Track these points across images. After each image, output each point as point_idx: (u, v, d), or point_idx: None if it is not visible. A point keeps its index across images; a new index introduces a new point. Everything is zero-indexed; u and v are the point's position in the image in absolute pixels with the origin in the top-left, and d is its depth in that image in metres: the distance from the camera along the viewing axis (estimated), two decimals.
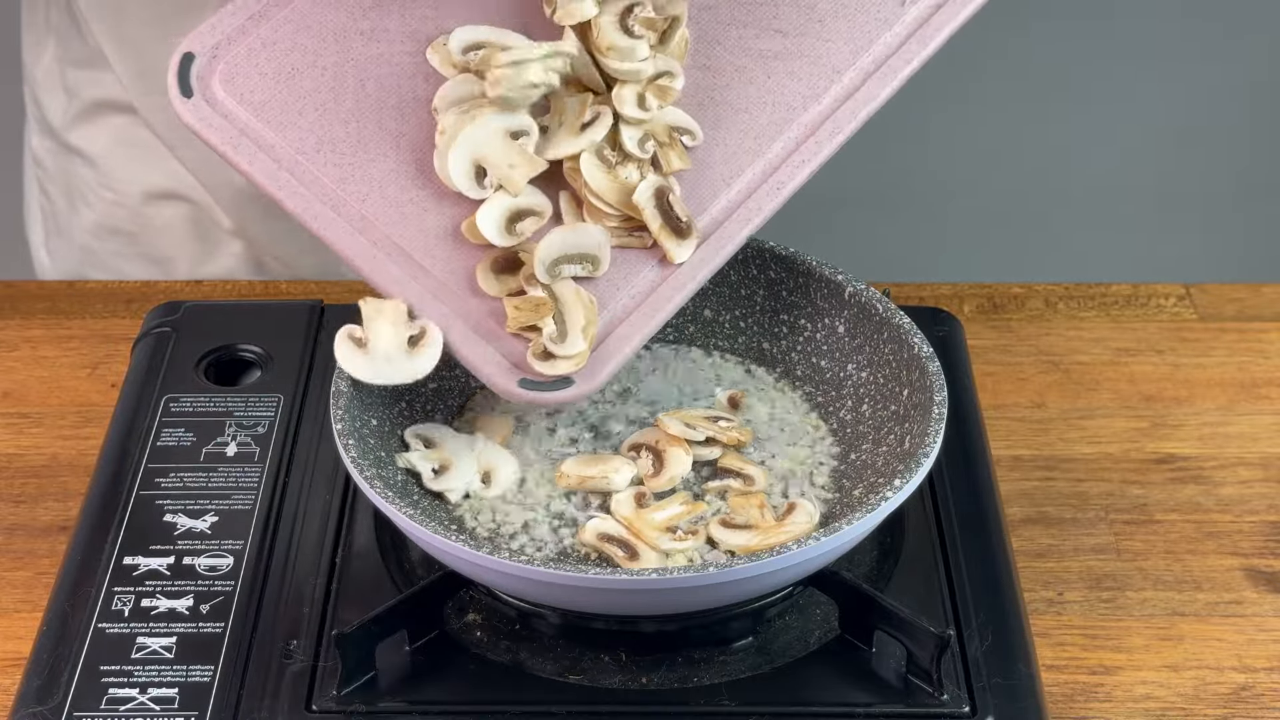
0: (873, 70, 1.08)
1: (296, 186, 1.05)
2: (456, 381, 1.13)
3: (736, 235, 1.05)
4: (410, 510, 0.98)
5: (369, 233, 1.04)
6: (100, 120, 1.44)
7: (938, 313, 1.24)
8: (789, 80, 1.08)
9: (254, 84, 1.07)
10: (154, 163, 1.44)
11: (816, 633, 1.02)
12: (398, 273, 1.03)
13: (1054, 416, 1.25)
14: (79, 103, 1.45)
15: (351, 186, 1.05)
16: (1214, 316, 1.34)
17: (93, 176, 1.46)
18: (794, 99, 1.08)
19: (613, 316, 1.03)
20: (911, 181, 2.53)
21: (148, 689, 0.98)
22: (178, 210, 1.45)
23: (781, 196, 1.05)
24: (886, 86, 1.07)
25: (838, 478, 1.08)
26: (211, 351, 1.21)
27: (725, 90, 1.08)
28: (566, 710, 0.98)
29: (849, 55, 1.08)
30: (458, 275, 1.03)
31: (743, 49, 1.09)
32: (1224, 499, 1.19)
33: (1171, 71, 2.48)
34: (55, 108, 1.46)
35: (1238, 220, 2.56)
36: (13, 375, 1.29)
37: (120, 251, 1.48)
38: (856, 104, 1.07)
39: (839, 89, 1.08)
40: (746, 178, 1.06)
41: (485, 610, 1.03)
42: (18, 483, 1.20)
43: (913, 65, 1.08)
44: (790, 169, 1.06)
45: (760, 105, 1.08)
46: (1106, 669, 1.07)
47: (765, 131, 1.07)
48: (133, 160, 1.44)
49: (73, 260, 1.50)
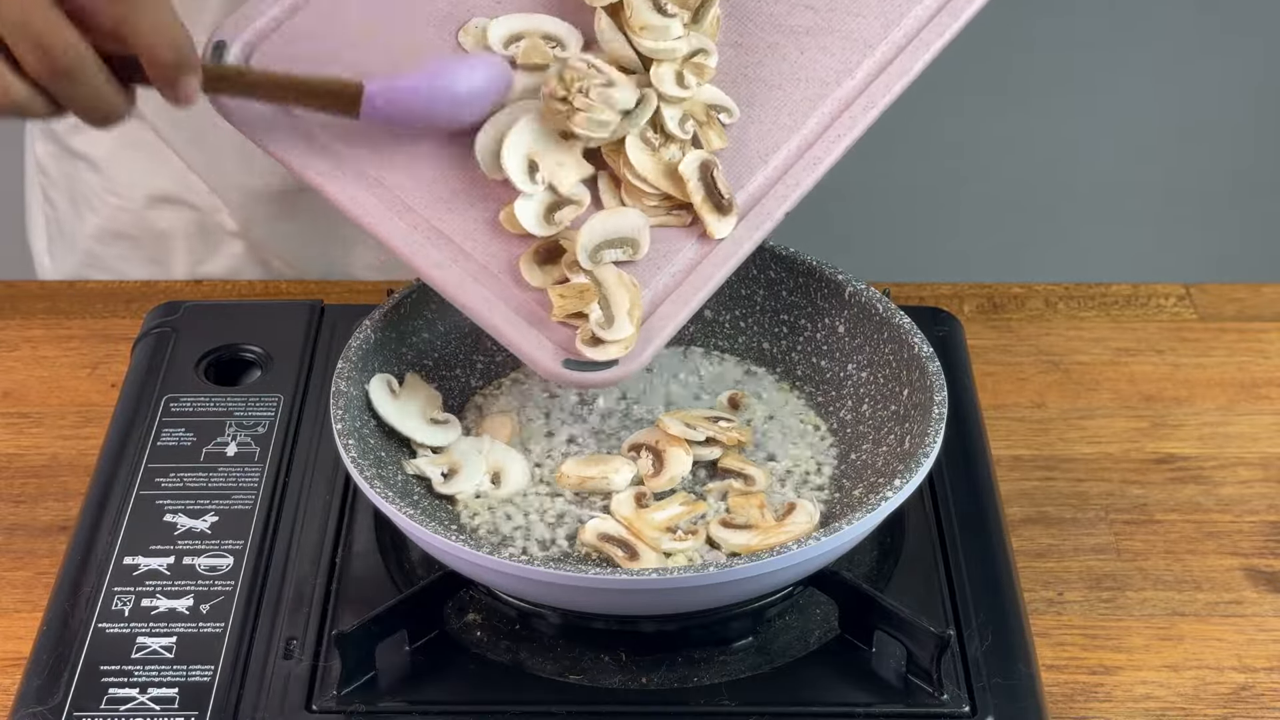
0: (905, 44, 1.08)
1: (335, 173, 1.05)
2: (457, 382, 1.13)
3: (775, 212, 1.04)
4: (410, 510, 0.98)
5: (409, 218, 1.04)
6: None
7: (938, 313, 1.24)
8: (821, 55, 1.08)
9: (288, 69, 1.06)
10: (158, 166, 1.44)
11: (816, 633, 1.02)
12: (439, 256, 1.03)
13: (1054, 416, 1.25)
14: None
15: (391, 174, 1.05)
16: (1214, 316, 1.34)
17: (96, 181, 1.46)
18: (827, 74, 1.07)
19: (654, 295, 1.02)
20: (912, 181, 2.53)
21: (148, 689, 0.98)
22: (181, 214, 1.45)
23: (819, 172, 1.05)
24: (919, 60, 1.07)
25: (838, 478, 1.08)
26: (211, 351, 1.21)
27: (758, 67, 1.08)
28: (566, 710, 0.98)
29: (880, 29, 1.08)
30: (499, 260, 1.03)
31: (774, 25, 1.09)
32: (1224, 499, 1.18)
33: (1172, 71, 2.48)
34: None
35: (1238, 220, 2.56)
36: (13, 375, 1.29)
37: (124, 255, 1.48)
38: (890, 78, 1.07)
39: (872, 63, 1.08)
40: (782, 154, 1.06)
41: (485, 610, 1.03)
42: (18, 483, 1.20)
43: (945, 38, 1.07)
44: (826, 144, 1.06)
45: (794, 81, 1.07)
46: (1106, 669, 1.07)
47: (799, 107, 1.07)
48: (137, 164, 1.44)
49: (76, 265, 1.50)
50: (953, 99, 2.44)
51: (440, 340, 1.13)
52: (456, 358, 1.13)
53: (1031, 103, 2.50)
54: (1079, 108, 2.51)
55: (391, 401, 1.07)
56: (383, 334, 1.09)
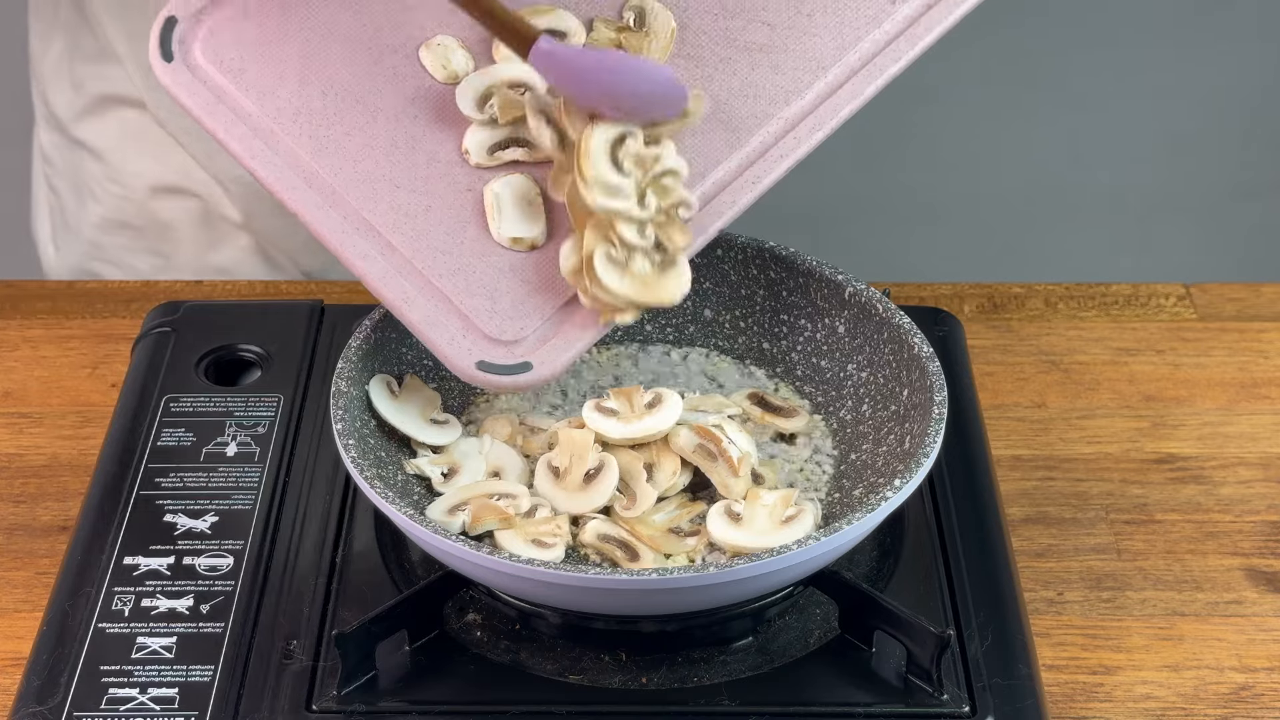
0: (859, 67, 1.07)
1: (270, 156, 1.05)
2: (457, 382, 1.13)
3: (709, 228, 1.04)
4: (410, 510, 0.98)
5: (339, 206, 1.04)
6: (108, 114, 1.45)
7: (938, 313, 1.24)
8: (772, 74, 1.07)
9: (234, 51, 1.06)
10: (162, 156, 1.44)
11: (816, 633, 1.02)
12: (365, 248, 1.03)
13: (1054, 416, 1.25)
14: (87, 97, 1.45)
15: (325, 159, 1.05)
16: (1214, 316, 1.34)
17: (100, 171, 1.46)
18: (776, 93, 1.07)
19: (575, 306, 1.02)
20: (912, 182, 2.53)
21: (148, 689, 0.98)
22: (185, 204, 1.45)
23: (757, 191, 1.05)
24: (871, 84, 1.07)
25: (838, 478, 1.08)
26: (211, 351, 1.21)
27: (708, 81, 1.08)
28: (566, 710, 0.98)
29: (835, 51, 1.08)
30: (424, 254, 1.03)
31: (728, 40, 1.08)
32: (1224, 499, 1.18)
33: (1172, 72, 2.48)
34: (63, 102, 1.46)
35: (1237, 220, 2.56)
36: (13, 375, 1.29)
37: (128, 246, 1.48)
38: (839, 101, 1.06)
39: (823, 85, 1.07)
40: (722, 170, 1.06)
41: (485, 610, 1.03)
42: (18, 483, 1.20)
43: (900, 64, 1.07)
44: (768, 164, 1.05)
45: (741, 98, 1.07)
46: (1106, 669, 1.07)
47: (744, 124, 1.06)
48: (141, 154, 1.44)
49: (79, 255, 1.50)
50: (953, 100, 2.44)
51: None
52: None
53: (1032, 103, 2.50)
54: (1079, 108, 2.51)
55: (391, 402, 1.07)
56: (383, 334, 1.09)
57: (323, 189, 1.04)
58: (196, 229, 1.46)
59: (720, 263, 1.16)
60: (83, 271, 1.51)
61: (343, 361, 1.06)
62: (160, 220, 1.46)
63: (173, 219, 1.46)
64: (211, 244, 1.46)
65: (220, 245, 1.46)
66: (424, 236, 1.03)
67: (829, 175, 2.34)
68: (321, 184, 1.04)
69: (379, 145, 1.05)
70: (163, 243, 1.47)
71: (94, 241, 1.49)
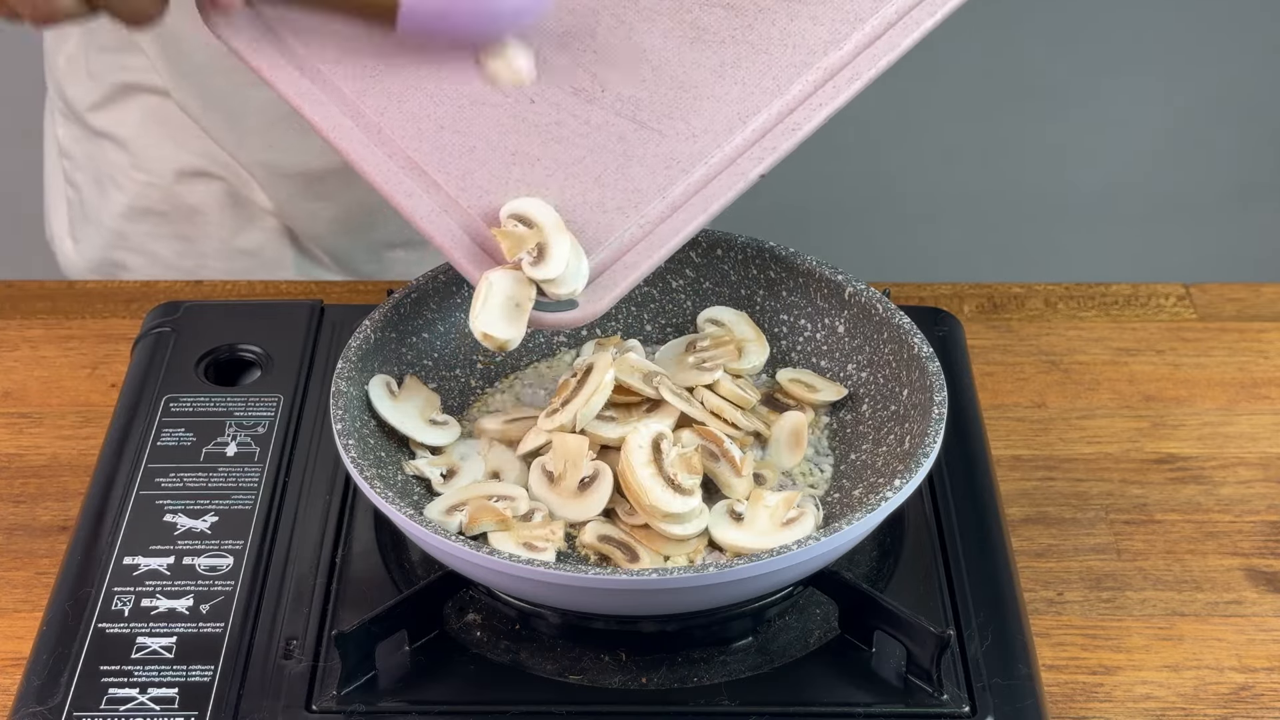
0: (895, 20, 1.08)
1: (317, 95, 1.05)
2: (457, 382, 1.13)
3: (749, 173, 1.04)
4: (410, 510, 0.98)
5: (385, 145, 1.04)
6: (129, 102, 1.45)
7: (938, 313, 1.24)
8: (811, 24, 1.08)
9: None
10: (186, 141, 1.44)
11: (816, 633, 1.02)
12: (411, 186, 1.03)
13: (1054, 416, 1.25)
14: (106, 86, 1.45)
15: (370, 99, 1.05)
16: (1214, 316, 1.34)
17: (124, 159, 1.46)
18: (815, 42, 1.07)
19: (620, 245, 1.02)
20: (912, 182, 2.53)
21: (148, 689, 0.98)
22: (211, 188, 1.45)
23: (796, 138, 1.05)
24: (909, 36, 1.07)
25: (838, 478, 1.08)
26: (211, 351, 1.21)
27: (747, 30, 1.08)
28: (566, 710, 0.98)
29: (873, 3, 1.08)
30: (470, 192, 1.03)
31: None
32: (1224, 499, 1.19)
33: (1172, 71, 2.48)
34: (81, 94, 1.47)
35: (1237, 220, 2.56)
36: (13, 375, 1.29)
37: (153, 232, 1.48)
38: (877, 52, 1.07)
39: (861, 36, 1.07)
40: (762, 117, 1.06)
41: (485, 610, 1.03)
42: (18, 483, 1.20)
43: (936, 17, 1.07)
44: (807, 111, 1.06)
45: (781, 47, 1.07)
46: (1106, 669, 1.07)
47: (784, 73, 1.07)
48: (165, 139, 1.44)
49: (101, 246, 1.51)
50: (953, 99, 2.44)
51: (440, 340, 1.13)
52: (456, 358, 1.13)
53: (1032, 103, 2.50)
54: (1080, 108, 2.51)
55: (391, 402, 1.07)
56: (383, 334, 1.09)
57: (368, 128, 1.04)
58: (223, 212, 1.46)
59: (720, 263, 1.16)
60: (105, 262, 1.51)
61: (343, 361, 1.06)
62: (186, 204, 1.46)
63: (199, 203, 1.46)
64: (238, 227, 1.46)
65: (247, 228, 1.46)
66: (469, 176, 1.03)
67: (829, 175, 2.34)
68: (367, 123, 1.04)
69: (424, 85, 1.06)
70: (189, 227, 1.47)
71: (117, 231, 1.49)
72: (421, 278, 1.12)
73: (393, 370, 1.10)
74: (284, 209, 1.44)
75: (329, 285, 1.38)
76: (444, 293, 1.13)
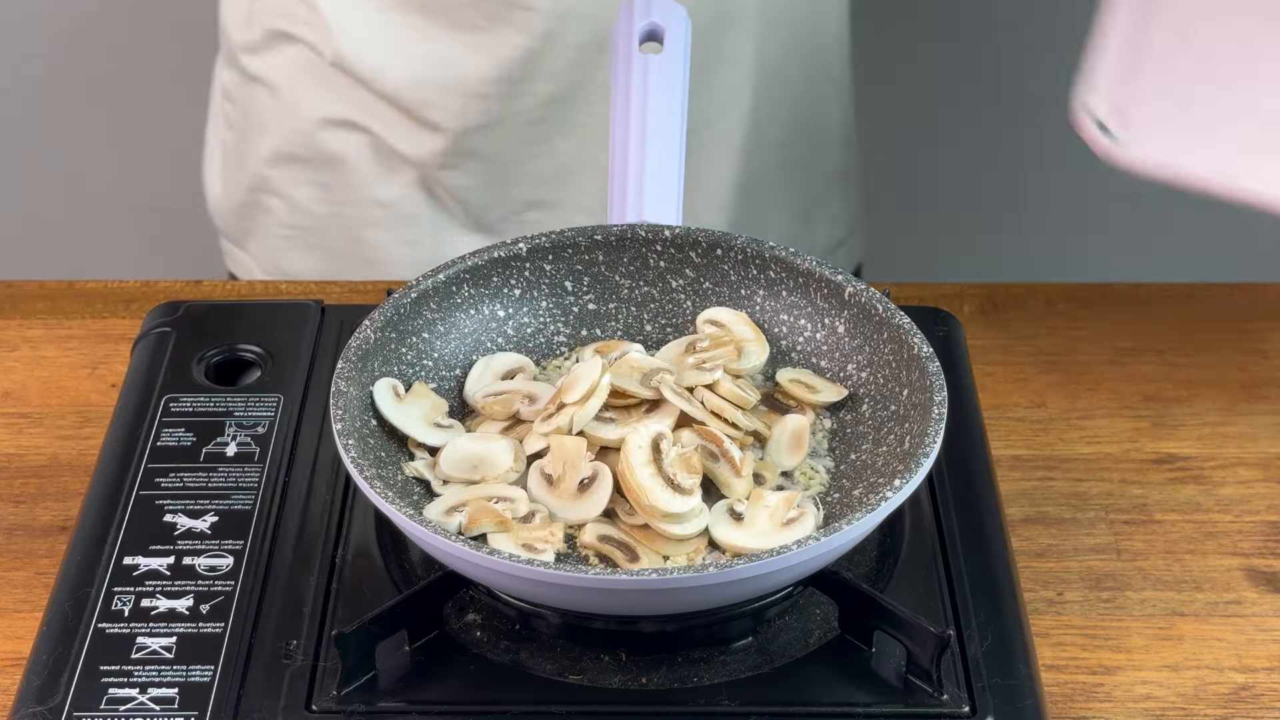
0: None
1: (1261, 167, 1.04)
2: (456, 382, 1.13)
3: None
4: (410, 510, 0.98)
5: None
6: (281, 48, 1.47)
7: (938, 313, 1.24)
8: None
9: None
10: (335, 89, 1.46)
11: (816, 633, 1.02)
12: None
13: (1054, 416, 1.25)
14: (260, 31, 1.48)
15: None
16: (1214, 316, 1.34)
17: (273, 104, 1.49)
18: None
19: None
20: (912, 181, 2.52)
21: (148, 689, 0.98)
22: (356, 138, 1.47)
23: None
24: None
25: (838, 478, 1.08)
26: (211, 351, 1.21)
27: None
28: (566, 710, 0.98)
29: None
30: None
31: None
32: (1224, 499, 1.18)
33: None
34: (240, 38, 1.50)
35: (1237, 220, 2.55)
36: (13, 375, 1.29)
37: (294, 178, 1.50)
38: None
39: None
40: None
41: (485, 610, 1.03)
42: (18, 483, 1.20)
43: None
44: None
45: None
46: (1106, 669, 1.07)
47: None
48: (315, 87, 1.47)
49: (245, 189, 1.54)
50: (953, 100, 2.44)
51: (440, 340, 1.13)
52: (456, 358, 1.13)
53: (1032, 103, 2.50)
54: None
55: (395, 403, 1.07)
56: (382, 334, 1.09)
57: None
58: (365, 163, 1.48)
59: (720, 263, 1.16)
60: (248, 204, 1.54)
61: (343, 361, 1.06)
62: (329, 152, 1.48)
63: (342, 151, 1.48)
64: (378, 179, 1.48)
65: (387, 181, 1.48)
66: None
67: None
68: None
69: None
70: (329, 175, 1.49)
71: (260, 175, 1.52)
72: (421, 277, 1.12)
73: (392, 370, 1.10)
74: (427, 163, 1.45)
75: (329, 285, 1.38)
76: (444, 293, 1.13)
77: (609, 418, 1.06)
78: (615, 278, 1.16)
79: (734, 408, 1.08)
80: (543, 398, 1.08)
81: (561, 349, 1.16)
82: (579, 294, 1.16)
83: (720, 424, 1.07)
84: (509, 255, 1.14)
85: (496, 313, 1.15)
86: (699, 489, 1.03)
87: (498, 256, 1.14)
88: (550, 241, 1.15)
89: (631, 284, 1.16)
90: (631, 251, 1.16)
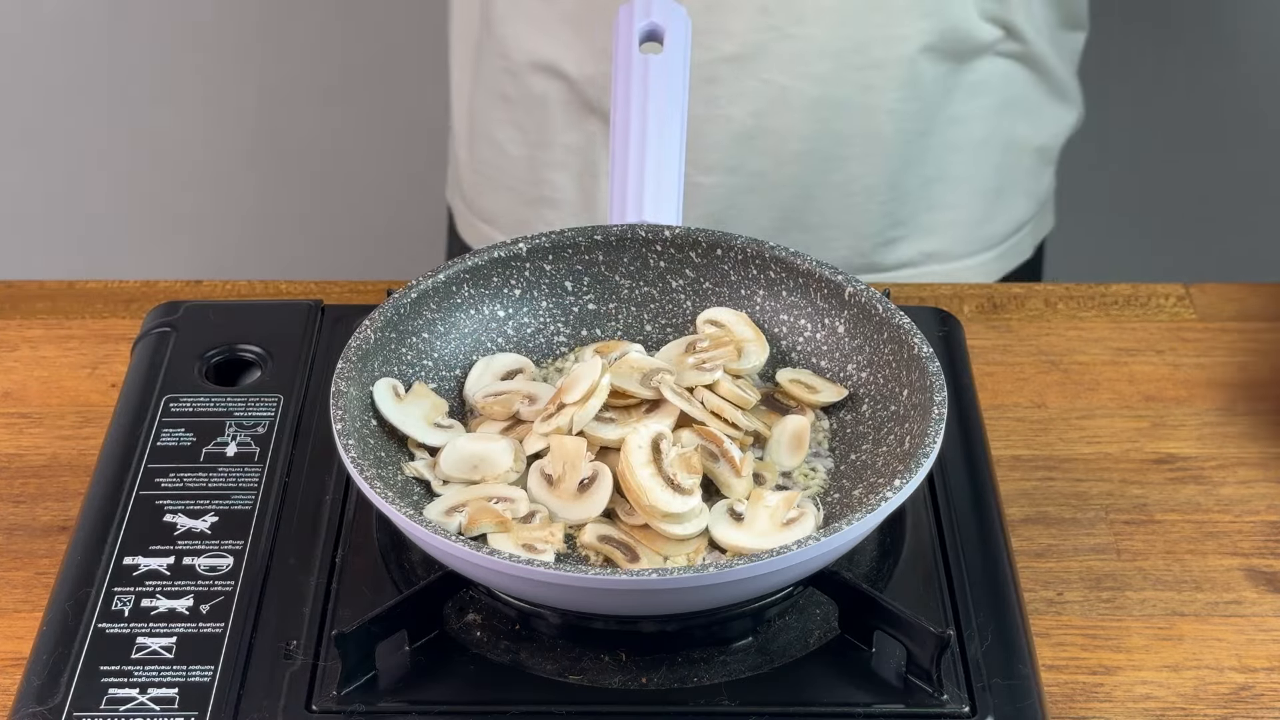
0: None
1: None
2: (456, 383, 1.13)
3: None
4: (410, 510, 0.98)
5: None
6: None
7: (938, 313, 1.24)
8: None
9: None
10: (543, 32, 1.48)
11: (816, 633, 1.02)
12: None
13: (1054, 416, 1.25)
14: None
15: None
16: (1213, 316, 1.34)
17: (491, 44, 1.52)
18: None
19: None
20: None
21: (148, 689, 0.98)
22: (556, 84, 1.49)
23: None
24: None
25: (838, 478, 1.08)
26: (211, 351, 1.21)
27: None
28: (566, 710, 0.98)
29: None
30: None
31: None
32: (1224, 499, 1.19)
33: (1171, 70, 2.48)
34: None
35: (1237, 220, 2.56)
36: (12, 375, 1.29)
37: (499, 119, 1.53)
38: None
39: None
40: None
41: (485, 610, 1.03)
42: (18, 483, 1.20)
43: None
44: None
45: None
46: (1106, 669, 1.07)
47: None
48: (529, 26, 1.49)
49: (467, 129, 1.58)
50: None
51: (440, 340, 1.13)
52: (456, 358, 1.13)
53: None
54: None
55: (395, 403, 1.07)
56: (382, 334, 1.09)
57: None
58: (560, 109, 1.50)
59: (720, 263, 1.16)
60: (474, 135, 1.57)
61: (343, 361, 1.06)
62: (533, 94, 1.50)
63: (543, 94, 1.50)
64: (568, 124, 1.50)
65: (575, 127, 1.50)
66: None
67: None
68: None
69: None
70: (527, 117, 1.51)
71: (472, 113, 1.55)
72: (421, 277, 1.12)
73: (392, 370, 1.10)
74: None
75: (329, 285, 1.38)
76: (444, 293, 1.13)
77: (609, 418, 1.06)
78: (615, 278, 1.16)
79: (734, 408, 1.08)
80: (543, 398, 1.08)
81: (561, 349, 1.16)
82: (579, 294, 1.16)
83: (720, 424, 1.07)
84: (509, 255, 1.15)
85: (496, 313, 1.15)
86: (699, 489, 1.03)
87: (498, 256, 1.14)
88: (550, 241, 1.15)
89: (631, 284, 1.16)
90: (631, 251, 1.16)
